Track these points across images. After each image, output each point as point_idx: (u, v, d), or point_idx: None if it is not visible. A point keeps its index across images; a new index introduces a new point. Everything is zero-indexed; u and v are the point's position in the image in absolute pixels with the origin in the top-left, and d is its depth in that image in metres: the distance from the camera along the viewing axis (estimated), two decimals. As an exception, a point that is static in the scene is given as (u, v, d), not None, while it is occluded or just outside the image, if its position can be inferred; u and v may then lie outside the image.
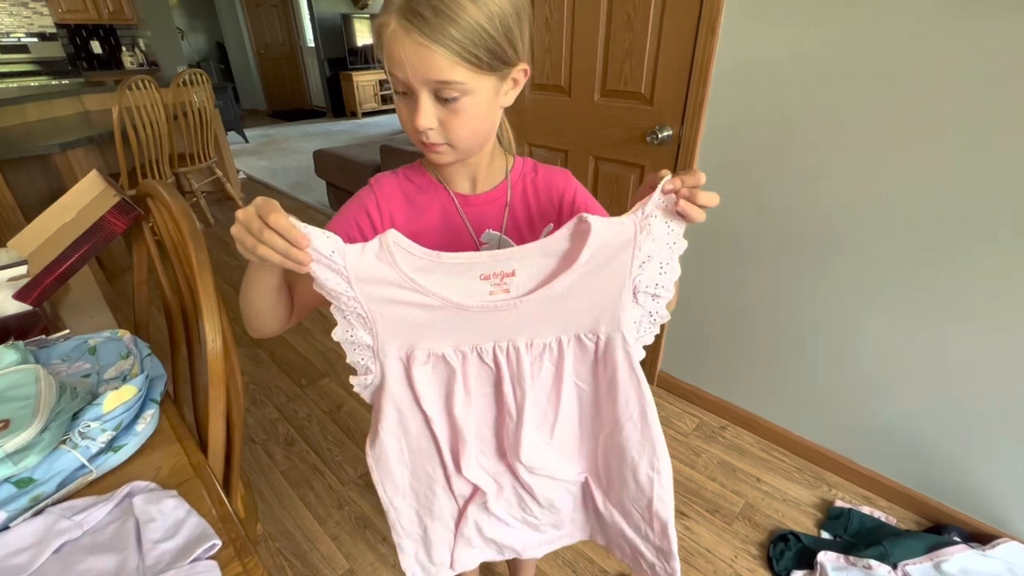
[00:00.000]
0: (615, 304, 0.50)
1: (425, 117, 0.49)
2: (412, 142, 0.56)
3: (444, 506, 0.64)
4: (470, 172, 0.61)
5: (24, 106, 2.89)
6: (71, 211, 0.98)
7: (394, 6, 0.45)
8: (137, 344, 0.76)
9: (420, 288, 0.48)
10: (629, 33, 1.45)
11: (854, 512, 1.35)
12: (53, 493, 0.55)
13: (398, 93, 0.51)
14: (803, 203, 1.30)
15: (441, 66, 0.46)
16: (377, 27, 0.49)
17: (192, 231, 0.64)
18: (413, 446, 0.58)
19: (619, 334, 0.52)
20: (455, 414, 0.55)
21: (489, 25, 0.46)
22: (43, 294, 0.78)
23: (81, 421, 0.59)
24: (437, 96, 0.49)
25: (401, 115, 0.53)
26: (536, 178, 0.65)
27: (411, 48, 0.45)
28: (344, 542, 1.31)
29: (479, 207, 0.62)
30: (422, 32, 0.44)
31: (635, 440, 0.57)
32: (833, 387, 1.42)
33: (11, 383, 0.62)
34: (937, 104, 1.05)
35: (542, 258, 0.49)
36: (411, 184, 0.62)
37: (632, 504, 0.62)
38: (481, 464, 0.60)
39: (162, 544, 0.50)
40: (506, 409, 0.56)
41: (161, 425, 0.67)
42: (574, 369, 0.55)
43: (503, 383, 0.54)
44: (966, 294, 1.14)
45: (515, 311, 0.50)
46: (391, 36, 0.46)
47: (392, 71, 0.48)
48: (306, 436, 1.66)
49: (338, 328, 0.50)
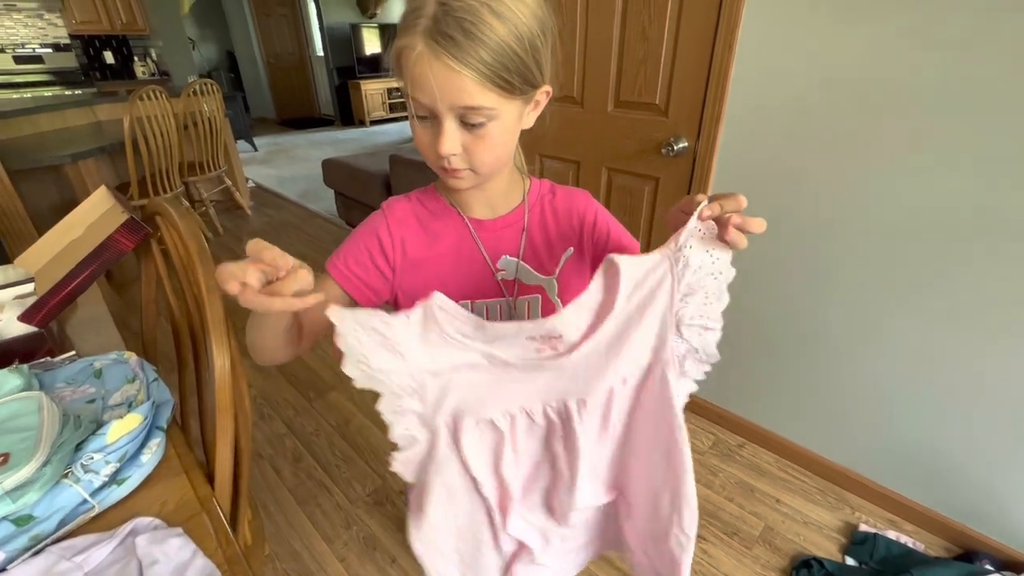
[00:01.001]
0: (659, 343, 0.48)
1: (450, 143, 0.47)
2: (430, 166, 0.53)
3: (491, 565, 0.60)
4: (487, 197, 0.58)
5: (38, 116, 2.91)
6: (79, 228, 0.96)
7: (419, 28, 0.43)
8: (144, 368, 0.73)
9: (468, 348, 0.46)
10: (644, 43, 1.43)
11: (880, 537, 1.30)
12: (53, 531, 0.52)
13: (419, 117, 0.48)
14: (823, 217, 1.26)
15: (471, 91, 0.43)
16: (399, 49, 0.45)
17: (200, 252, 0.62)
18: (460, 511, 0.55)
19: (660, 365, 0.49)
20: (503, 475, 0.52)
21: (518, 46, 0.44)
22: (49, 315, 0.76)
23: (84, 453, 0.57)
24: (462, 121, 0.46)
25: (421, 139, 0.50)
26: (555, 200, 0.62)
27: (440, 72, 0.43)
28: (352, 563, 1.28)
29: (495, 232, 0.59)
30: (452, 55, 0.42)
31: (661, 471, 0.54)
32: (855, 404, 1.38)
33: (12, 412, 0.59)
34: (959, 115, 1.02)
35: (583, 313, 0.46)
36: (424, 209, 0.59)
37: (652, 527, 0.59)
38: (527, 519, 0.57)
39: (166, 589, 0.48)
40: (558, 467, 0.53)
41: (167, 454, 0.64)
42: (619, 412, 0.52)
43: (553, 443, 0.52)
44: (997, 309, 1.10)
45: (564, 368, 0.47)
46: (417, 59, 0.43)
47: (415, 95, 0.45)
48: (314, 451, 1.63)
49: (383, 401, 0.47)
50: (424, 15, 0.42)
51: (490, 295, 0.61)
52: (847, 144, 1.17)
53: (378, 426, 1.73)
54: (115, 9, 4.73)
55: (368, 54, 7.25)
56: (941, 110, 1.04)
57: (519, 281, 0.61)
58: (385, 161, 3.04)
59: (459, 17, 0.41)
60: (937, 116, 1.05)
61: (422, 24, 0.42)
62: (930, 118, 1.06)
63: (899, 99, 1.08)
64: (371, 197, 3.10)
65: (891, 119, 1.10)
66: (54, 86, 4.68)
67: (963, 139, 1.03)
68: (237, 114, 5.24)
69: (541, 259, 0.61)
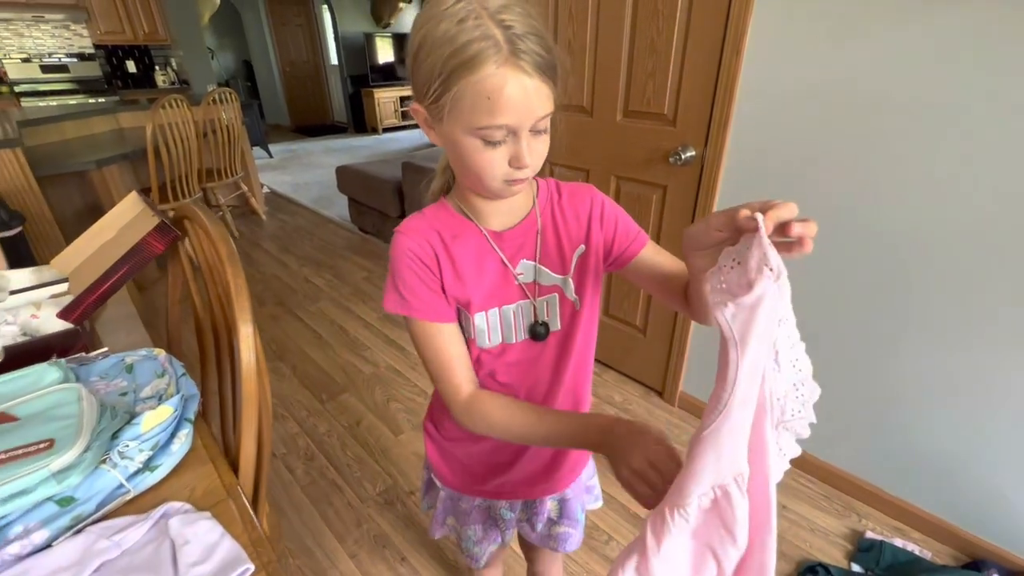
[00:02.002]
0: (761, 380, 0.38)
1: (532, 153, 0.49)
2: (485, 188, 0.54)
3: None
4: (507, 205, 0.61)
5: (63, 124, 3.01)
6: (111, 231, 1.01)
7: (493, 56, 0.44)
8: (172, 363, 0.77)
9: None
10: (652, 55, 1.47)
11: (886, 544, 1.30)
12: (93, 512, 0.56)
13: (491, 143, 0.48)
14: (830, 223, 1.28)
15: (548, 99, 0.47)
16: (475, 83, 0.45)
17: (230, 255, 0.66)
18: None
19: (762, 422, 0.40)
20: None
21: (556, 51, 0.48)
22: (84, 313, 0.80)
23: (120, 441, 0.60)
24: (533, 131, 0.49)
25: (490, 164, 0.50)
26: (561, 200, 0.65)
27: (532, 87, 0.45)
28: (363, 560, 1.31)
29: (512, 241, 0.62)
30: (539, 70, 0.45)
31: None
32: (863, 411, 1.39)
33: (55, 402, 0.63)
34: (966, 124, 1.04)
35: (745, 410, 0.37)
36: (442, 226, 0.60)
37: None
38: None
39: (197, 567, 0.51)
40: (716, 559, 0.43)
41: (194, 444, 0.68)
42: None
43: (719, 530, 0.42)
44: (1007, 317, 1.11)
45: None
46: (510, 85, 0.44)
47: (496, 122, 0.46)
48: (326, 451, 1.66)
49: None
50: (494, 42, 0.44)
51: (513, 299, 0.63)
52: (851, 152, 1.19)
53: (389, 427, 1.77)
54: (138, 20, 4.87)
55: (381, 63, 7.37)
56: (947, 118, 1.06)
57: (538, 283, 0.64)
58: (398, 168, 3.10)
59: (525, 35, 0.45)
60: (943, 124, 1.07)
61: (495, 51, 0.44)
62: (935, 126, 1.08)
63: (903, 107, 1.10)
64: (384, 203, 3.15)
65: (895, 127, 1.12)
66: (78, 94, 4.81)
67: (969, 147, 1.05)
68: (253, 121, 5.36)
69: (555, 259, 0.64)
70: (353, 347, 2.23)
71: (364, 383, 1.99)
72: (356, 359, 2.15)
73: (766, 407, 0.39)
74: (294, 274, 2.99)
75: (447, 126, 0.50)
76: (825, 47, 1.16)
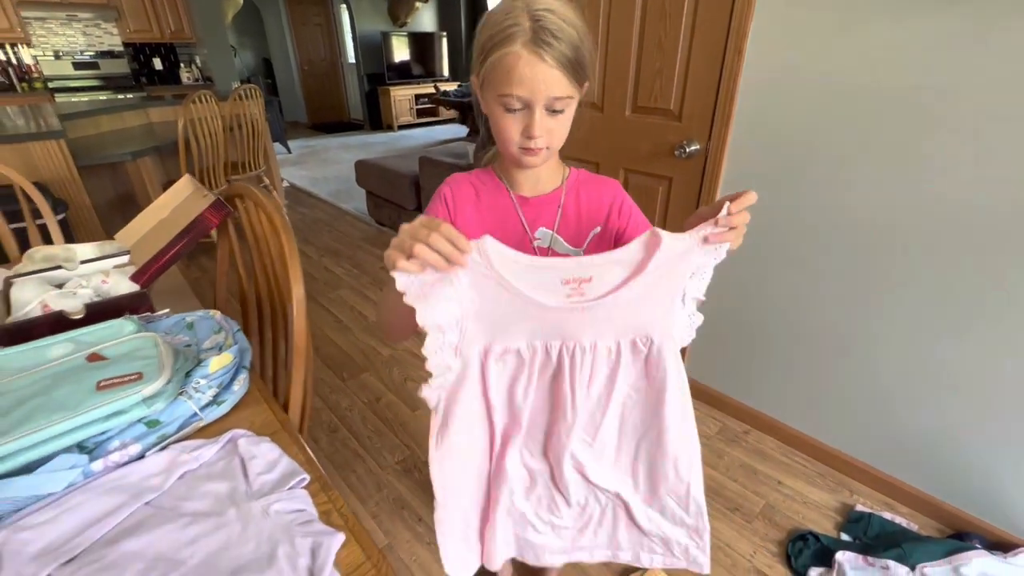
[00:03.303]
0: (669, 311, 0.58)
1: (541, 127, 0.60)
2: (507, 151, 0.65)
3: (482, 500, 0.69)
4: (535, 176, 0.71)
5: (99, 118, 3.17)
6: (166, 210, 1.13)
7: (519, 38, 0.55)
8: (227, 321, 0.88)
9: (512, 288, 0.55)
10: (660, 53, 1.55)
11: (874, 516, 1.38)
12: (174, 434, 0.67)
13: (510, 110, 0.60)
14: (826, 212, 1.36)
15: (562, 83, 0.57)
16: (500, 56, 0.57)
17: (284, 225, 0.76)
18: (474, 440, 0.64)
19: (670, 339, 0.59)
20: (516, 403, 0.61)
21: (582, 45, 0.58)
22: (151, 278, 0.92)
23: (192, 379, 0.71)
24: (548, 109, 0.59)
25: (509, 127, 0.61)
26: (588, 185, 0.75)
27: (541, 71, 0.56)
28: (383, 520, 1.41)
29: (536, 207, 0.72)
30: (552, 57, 0.55)
31: (677, 436, 0.63)
32: (857, 393, 1.46)
33: (136, 346, 0.75)
34: (963, 116, 1.11)
35: (616, 267, 0.56)
36: (480, 183, 0.72)
37: (669, 495, 0.67)
38: (524, 460, 0.66)
39: (263, 476, 0.62)
40: (561, 406, 0.61)
41: (250, 388, 0.79)
42: (625, 374, 0.61)
43: (563, 380, 0.60)
44: (993, 300, 1.18)
45: (587, 313, 0.57)
46: (523, 63, 0.56)
47: (513, 91, 0.57)
48: (348, 424, 1.78)
49: (429, 338, 0.56)
50: (522, 28, 0.55)
51: None
52: (852, 144, 1.27)
53: (406, 404, 1.87)
54: (165, 19, 5.05)
55: (397, 61, 7.51)
56: (947, 111, 1.12)
57: (552, 250, 0.74)
58: (415, 162, 3.21)
59: (550, 27, 0.55)
60: (943, 117, 1.13)
61: (521, 35, 0.55)
62: (935, 119, 1.14)
63: (904, 101, 1.17)
64: (401, 197, 3.27)
65: (895, 120, 1.19)
66: (107, 90, 5.00)
67: (968, 140, 1.12)
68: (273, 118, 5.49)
69: (572, 233, 0.74)
70: (372, 331, 2.35)
71: (382, 364, 2.11)
72: (375, 342, 2.26)
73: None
74: (314, 263, 3.11)
75: (485, 92, 0.61)
76: (823, 45, 1.24)
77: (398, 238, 0.50)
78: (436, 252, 0.49)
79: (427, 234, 0.49)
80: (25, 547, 0.51)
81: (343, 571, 0.53)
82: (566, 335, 0.59)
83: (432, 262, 0.49)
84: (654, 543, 0.72)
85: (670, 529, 0.70)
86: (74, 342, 0.77)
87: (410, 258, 0.49)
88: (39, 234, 1.43)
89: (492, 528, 0.69)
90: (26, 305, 0.88)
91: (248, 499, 0.59)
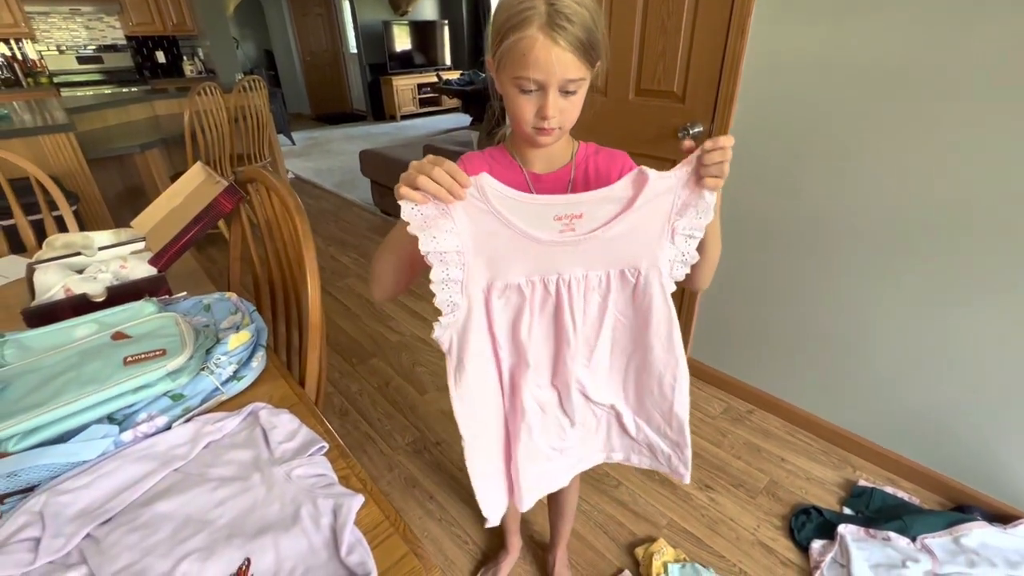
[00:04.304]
0: (655, 244, 0.62)
1: (554, 108, 0.62)
2: (520, 130, 0.67)
3: (503, 437, 0.74)
4: (547, 153, 0.73)
5: (105, 111, 3.19)
6: (179, 197, 1.16)
7: (536, 22, 0.57)
8: (243, 303, 0.91)
9: (508, 222, 0.58)
10: (663, 36, 1.55)
11: (877, 491, 1.40)
12: (198, 407, 0.70)
13: (525, 92, 0.62)
14: (829, 192, 1.37)
15: (576, 66, 0.59)
16: (516, 39, 0.58)
17: (297, 207, 0.79)
18: (488, 378, 0.69)
19: (656, 270, 0.63)
20: (520, 340, 0.66)
21: (595, 27, 0.59)
22: (168, 262, 0.95)
23: (213, 356, 0.74)
24: (561, 91, 0.61)
25: (523, 108, 0.63)
26: (597, 158, 0.77)
27: (556, 54, 0.57)
28: (395, 499, 1.45)
29: (548, 184, 0.74)
30: (567, 40, 0.57)
31: (662, 357, 0.68)
32: (859, 371, 1.48)
33: (157, 326, 0.77)
34: (963, 99, 1.11)
35: (606, 204, 0.60)
36: (495, 160, 0.75)
37: (655, 408, 0.73)
38: (535, 394, 0.71)
39: (284, 444, 0.65)
40: (564, 334, 0.67)
41: (268, 365, 0.82)
42: (616, 301, 0.66)
43: (563, 311, 0.65)
44: (992, 277, 1.19)
45: (578, 247, 0.61)
46: (538, 46, 0.57)
47: (528, 74, 0.59)
48: (359, 408, 1.82)
49: (434, 270, 0.60)
50: (537, 12, 0.56)
51: None
52: (853, 125, 1.28)
53: (414, 387, 1.91)
54: (167, 11, 5.05)
55: (399, 50, 7.47)
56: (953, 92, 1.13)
57: None
58: (419, 151, 3.22)
59: (564, 11, 0.57)
60: (942, 102, 1.14)
61: (537, 19, 0.56)
62: (935, 104, 1.15)
63: (910, 81, 1.17)
64: (405, 185, 3.28)
65: (901, 101, 1.19)
66: (111, 84, 5.02)
67: (966, 125, 1.12)
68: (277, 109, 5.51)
69: None
70: (380, 318, 2.38)
71: (391, 349, 2.14)
72: (383, 328, 2.30)
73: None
74: (321, 253, 3.14)
75: (500, 74, 0.63)
76: (826, 25, 1.24)
77: (407, 172, 0.55)
78: (438, 184, 0.53)
79: (431, 168, 0.53)
80: (65, 509, 0.54)
81: (363, 529, 0.56)
82: (561, 268, 0.63)
83: (434, 192, 0.54)
84: (642, 448, 0.79)
85: (655, 438, 0.77)
86: (98, 323, 0.80)
87: (416, 190, 0.53)
88: (55, 225, 1.46)
89: (516, 469, 0.74)
90: (50, 289, 0.91)
91: (271, 465, 0.62)
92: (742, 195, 1.52)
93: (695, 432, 1.66)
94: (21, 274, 1.10)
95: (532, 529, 1.37)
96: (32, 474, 0.58)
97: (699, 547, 1.30)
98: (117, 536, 0.53)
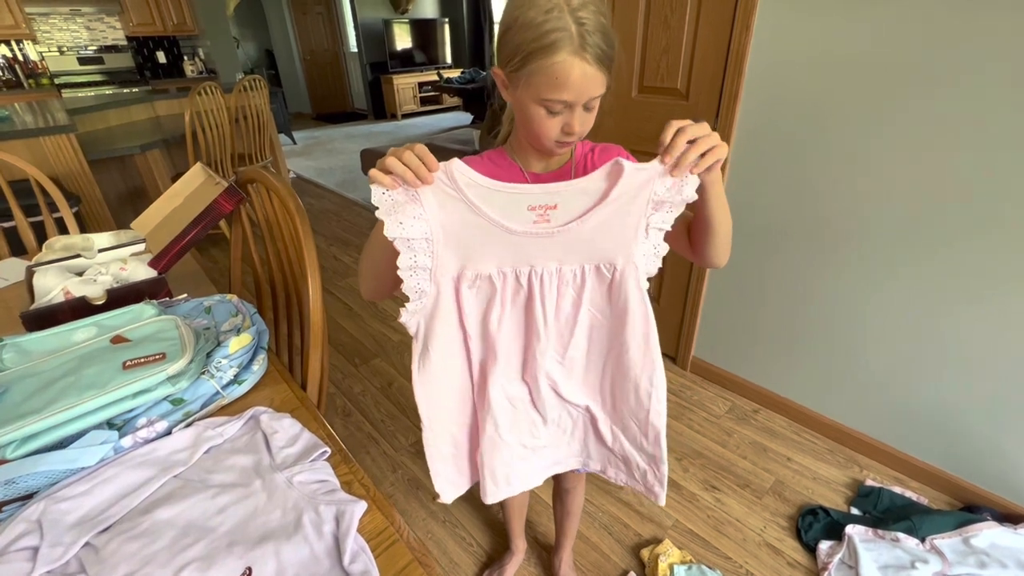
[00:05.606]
0: (632, 238, 0.60)
1: (580, 123, 0.62)
2: (540, 144, 0.66)
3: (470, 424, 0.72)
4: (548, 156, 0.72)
5: (106, 112, 3.19)
6: (179, 198, 1.15)
7: (566, 46, 0.55)
8: (244, 305, 0.90)
9: (479, 211, 0.57)
10: (666, 32, 1.54)
11: (884, 491, 1.39)
12: (198, 411, 0.69)
13: (552, 112, 0.61)
14: (834, 190, 1.35)
15: (601, 80, 0.59)
16: (548, 65, 0.57)
17: (298, 207, 0.78)
18: (454, 365, 0.67)
19: (632, 266, 0.61)
20: (490, 332, 0.64)
21: (613, 36, 0.59)
22: (168, 264, 0.94)
23: (213, 359, 0.73)
24: (585, 106, 0.61)
25: (547, 127, 0.62)
26: (594, 155, 0.76)
27: (589, 74, 0.57)
28: (399, 500, 1.45)
29: (546, 182, 0.72)
30: (594, 57, 0.56)
31: (638, 360, 0.66)
32: (866, 370, 1.47)
33: (157, 329, 0.77)
34: (968, 97, 1.10)
35: (581, 195, 0.58)
36: (494, 164, 0.73)
37: (631, 417, 0.70)
38: (504, 388, 0.69)
39: (286, 449, 0.64)
40: (534, 328, 0.65)
41: (269, 368, 0.81)
42: (591, 297, 0.64)
43: (534, 304, 0.63)
44: (1002, 275, 1.17)
45: (552, 239, 0.59)
46: (575, 71, 0.56)
47: (559, 96, 0.58)
48: (362, 409, 1.81)
49: (402, 256, 0.58)
50: (569, 35, 0.55)
51: None
52: (862, 122, 1.26)
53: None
54: (167, 11, 5.04)
55: (400, 49, 7.45)
56: (959, 86, 1.11)
57: None
58: (420, 150, 3.21)
59: (593, 31, 0.56)
60: (946, 97, 1.12)
61: (568, 42, 0.55)
62: (938, 99, 1.13)
63: (917, 77, 1.16)
64: (407, 184, 3.27)
65: (907, 97, 1.18)
66: (112, 85, 5.02)
67: (969, 120, 1.11)
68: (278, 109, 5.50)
69: None
70: (382, 318, 2.37)
71: (393, 349, 2.13)
72: (385, 328, 2.29)
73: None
74: (323, 252, 3.14)
75: (520, 92, 0.62)
76: (832, 21, 1.22)
77: (382, 157, 0.54)
78: (405, 166, 0.52)
79: (402, 152, 0.53)
80: (64, 516, 0.54)
81: (367, 536, 0.55)
82: (534, 261, 0.61)
83: (400, 173, 0.53)
84: (618, 461, 0.75)
85: (630, 449, 0.73)
86: (97, 326, 0.79)
87: (388, 175, 0.53)
88: (55, 227, 1.45)
89: (480, 457, 0.72)
90: (49, 292, 0.90)
91: (272, 471, 0.61)
92: (750, 193, 1.50)
93: (700, 432, 1.65)
94: (21, 277, 1.10)
95: (537, 531, 1.36)
96: (30, 481, 0.57)
97: (705, 548, 1.29)
98: (117, 544, 0.52)
